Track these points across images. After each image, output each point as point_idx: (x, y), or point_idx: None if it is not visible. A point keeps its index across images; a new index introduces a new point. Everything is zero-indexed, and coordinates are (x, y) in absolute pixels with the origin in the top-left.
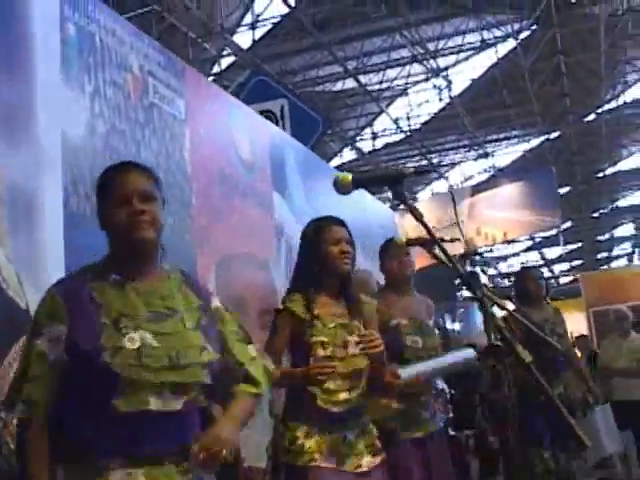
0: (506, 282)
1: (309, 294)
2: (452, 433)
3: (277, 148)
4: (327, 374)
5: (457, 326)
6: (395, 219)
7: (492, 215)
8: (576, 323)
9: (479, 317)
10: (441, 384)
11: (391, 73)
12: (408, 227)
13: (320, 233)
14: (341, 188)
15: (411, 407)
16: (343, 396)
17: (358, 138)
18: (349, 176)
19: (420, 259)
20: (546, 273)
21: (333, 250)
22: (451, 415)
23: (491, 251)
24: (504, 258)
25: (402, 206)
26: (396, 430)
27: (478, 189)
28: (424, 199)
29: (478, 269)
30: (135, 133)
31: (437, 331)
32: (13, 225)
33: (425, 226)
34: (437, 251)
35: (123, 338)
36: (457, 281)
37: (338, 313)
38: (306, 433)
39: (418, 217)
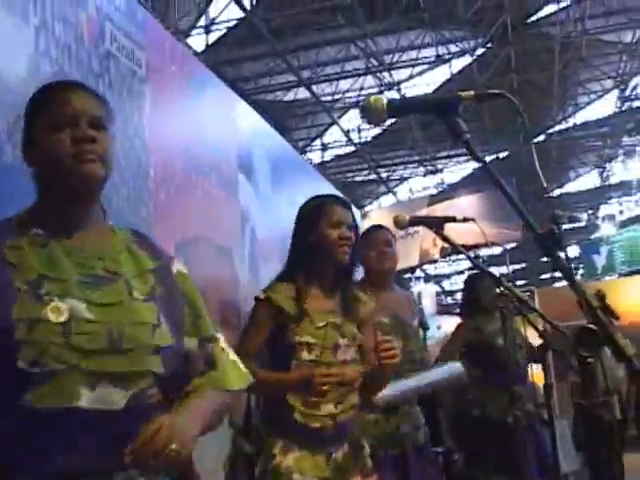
0: (449, 300)
1: (298, 284)
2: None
3: (245, 127)
4: (330, 383)
5: None
6: (358, 218)
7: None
8: (530, 339)
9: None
10: None
11: (344, 84)
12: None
13: (318, 212)
14: (372, 115)
15: (390, 420)
16: (327, 409)
17: (308, 149)
18: (383, 99)
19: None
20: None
21: (331, 234)
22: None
23: (435, 268)
24: (448, 276)
25: (458, 140)
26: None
27: (435, 199)
28: (385, 206)
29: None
30: (87, 82)
31: (422, 332)
32: None
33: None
34: (446, 234)
35: (44, 308)
36: None
37: (329, 310)
38: (284, 450)
39: (478, 158)
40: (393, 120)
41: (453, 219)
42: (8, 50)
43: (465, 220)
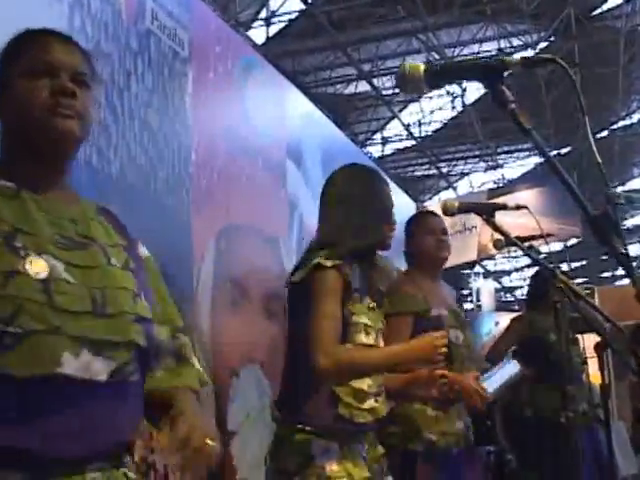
0: (509, 296)
1: (350, 261)
2: None
3: (294, 112)
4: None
5: None
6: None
7: (508, 221)
8: (587, 338)
9: (485, 329)
10: None
11: None
12: None
13: (374, 182)
14: (409, 84)
15: (448, 416)
16: (370, 403)
17: (368, 142)
18: (420, 66)
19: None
20: None
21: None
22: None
23: (494, 265)
24: (507, 272)
25: (503, 109)
26: (435, 443)
27: (494, 194)
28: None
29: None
30: (125, 60)
31: None
32: None
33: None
34: (497, 221)
35: (21, 261)
36: (463, 290)
37: (369, 291)
38: (324, 449)
39: (525, 129)
40: (454, 114)
41: (504, 206)
42: (41, 22)
43: (518, 208)
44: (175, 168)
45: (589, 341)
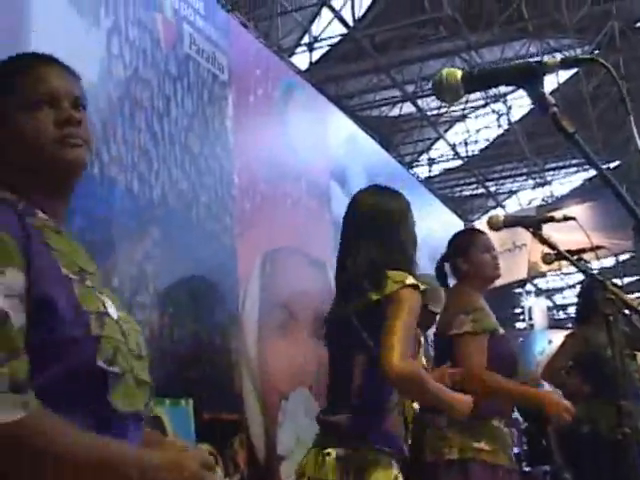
0: (562, 314)
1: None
2: (526, 469)
3: (337, 134)
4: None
5: None
6: None
7: (558, 237)
8: None
9: (538, 347)
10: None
11: None
12: None
13: (408, 209)
14: (446, 91)
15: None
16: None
17: (415, 164)
18: (457, 72)
19: None
20: None
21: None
22: (524, 448)
23: (547, 282)
24: (560, 290)
25: (544, 113)
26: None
27: (543, 210)
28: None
29: None
30: (164, 86)
31: None
32: None
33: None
34: (544, 234)
35: (101, 302)
36: (515, 309)
37: None
38: (385, 466)
39: (568, 133)
40: (500, 132)
41: (551, 218)
42: (79, 53)
43: (565, 219)
44: (218, 192)
45: None
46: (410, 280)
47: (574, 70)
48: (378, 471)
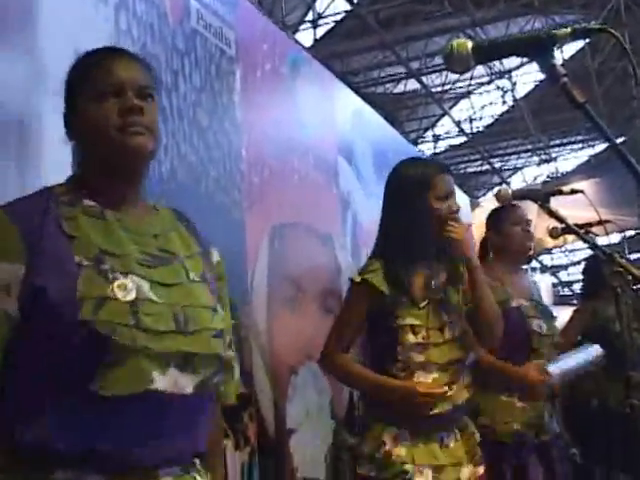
0: (567, 291)
1: (396, 262)
2: None
3: (344, 109)
4: (437, 399)
5: None
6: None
7: (564, 213)
8: None
9: None
10: None
11: (454, 75)
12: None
13: (424, 182)
14: (456, 62)
15: (535, 407)
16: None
17: (420, 141)
18: (468, 43)
19: None
20: None
21: (439, 208)
22: None
23: (552, 259)
24: (565, 267)
25: (555, 84)
26: (524, 434)
27: (549, 186)
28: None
29: None
30: (172, 61)
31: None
32: (2, 155)
33: None
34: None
35: (110, 285)
36: None
37: (433, 285)
38: (394, 438)
39: (577, 103)
40: (505, 108)
41: (559, 191)
42: (89, 32)
43: (573, 192)
44: (226, 166)
45: None
46: (356, 278)
47: (580, 45)
48: (367, 438)
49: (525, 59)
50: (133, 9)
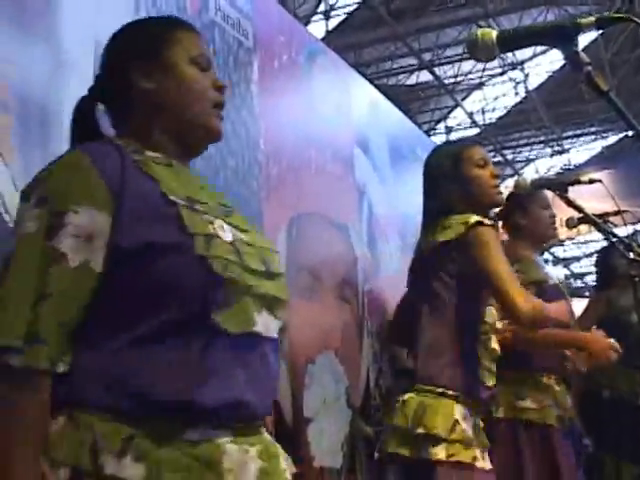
0: (579, 283)
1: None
2: None
3: (360, 100)
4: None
5: None
6: None
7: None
8: None
9: None
10: None
11: (466, 66)
12: None
13: (460, 155)
14: (481, 51)
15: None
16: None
17: (432, 132)
18: (492, 32)
19: None
20: None
21: (483, 174)
22: None
23: (564, 251)
24: (577, 259)
25: (579, 72)
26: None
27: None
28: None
29: None
30: None
31: None
32: (24, 141)
33: None
34: (571, 198)
35: (210, 225)
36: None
37: None
38: (463, 416)
39: (602, 91)
40: (517, 100)
41: (578, 181)
42: (108, 20)
43: (591, 182)
44: (244, 157)
45: None
46: (474, 218)
47: (593, 36)
48: (438, 413)
49: (538, 50)
50: (152, 0)
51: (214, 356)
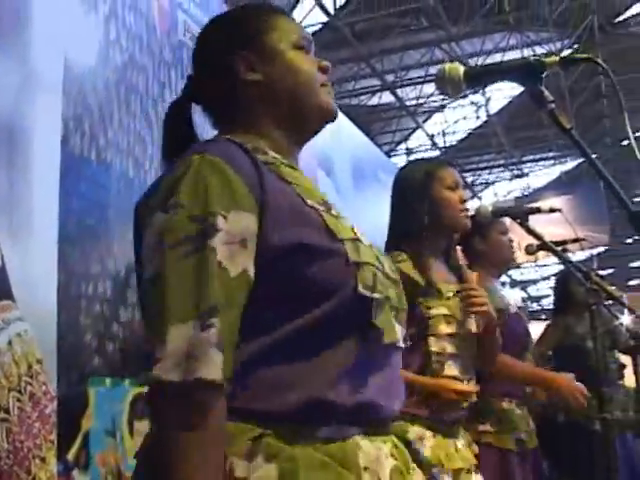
0: (535, 306)
1: (415, 254)
2: None
3: None
4: (463, 397)
5: None
6: None
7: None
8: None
9: None
10: None
11: (428, 88)
12: None
13: (430, 175)
14: (448, 85)
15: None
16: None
17: (392, 153)
18: (459, 68)
19: None
20: None
21: (451, 197)
22: None
23: (521, 274)
24: (534, 282)
25: (543, 110)
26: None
27: (521, 202)
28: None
29: None
30: (159, 72)
31: None
32: None
33: None
34: (530, 225)
35: (351, 230)
36: None
37: (451, 280)
38: (419, 436)
39: (564, 128)
40: (478, 123)
41: (538, 209)
42: (78, 38)
43: (552, 211)
44: None
45: None
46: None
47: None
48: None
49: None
50: (122, 19)
51: (362, 361)
